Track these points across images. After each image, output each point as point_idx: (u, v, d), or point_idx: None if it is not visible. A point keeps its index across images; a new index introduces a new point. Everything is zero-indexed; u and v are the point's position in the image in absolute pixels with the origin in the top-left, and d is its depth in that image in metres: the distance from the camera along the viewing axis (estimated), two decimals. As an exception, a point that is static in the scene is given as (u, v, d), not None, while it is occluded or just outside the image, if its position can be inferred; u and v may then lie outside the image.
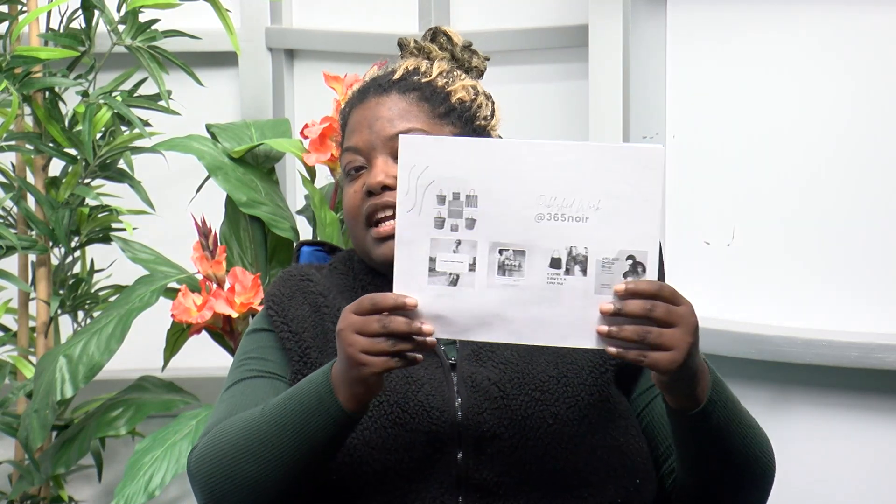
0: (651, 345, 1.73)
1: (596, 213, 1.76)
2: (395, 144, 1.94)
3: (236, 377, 1.97)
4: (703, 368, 1.81)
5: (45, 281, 3.09)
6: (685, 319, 1.75)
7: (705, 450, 1.85)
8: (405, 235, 1.76)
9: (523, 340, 1.77)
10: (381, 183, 1.95)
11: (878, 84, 2.66)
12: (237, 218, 3.01)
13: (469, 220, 1.76)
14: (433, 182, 1.76)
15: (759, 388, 2.77)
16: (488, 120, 2.03)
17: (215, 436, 1.87)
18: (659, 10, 2.82)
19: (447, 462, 1.86)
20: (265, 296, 2.02)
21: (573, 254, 1.76)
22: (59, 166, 3.09)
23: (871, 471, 2.71)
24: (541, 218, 1.76)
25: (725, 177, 2.79)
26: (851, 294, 2.70)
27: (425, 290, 1.76)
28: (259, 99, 3.49)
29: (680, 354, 1.74)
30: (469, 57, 2.07)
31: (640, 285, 1.74)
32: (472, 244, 1.76)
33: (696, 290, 2.75)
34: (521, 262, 1.76)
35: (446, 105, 1.99)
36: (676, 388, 1.79)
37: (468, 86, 2.02)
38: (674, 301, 1.75)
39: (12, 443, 3.20)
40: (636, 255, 1.76)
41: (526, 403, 1.89)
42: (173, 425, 2.85)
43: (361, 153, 1.98)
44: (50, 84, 2.95)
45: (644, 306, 1.73)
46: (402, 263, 1.76)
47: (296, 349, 1.94)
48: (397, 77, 2.01)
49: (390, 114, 1.98)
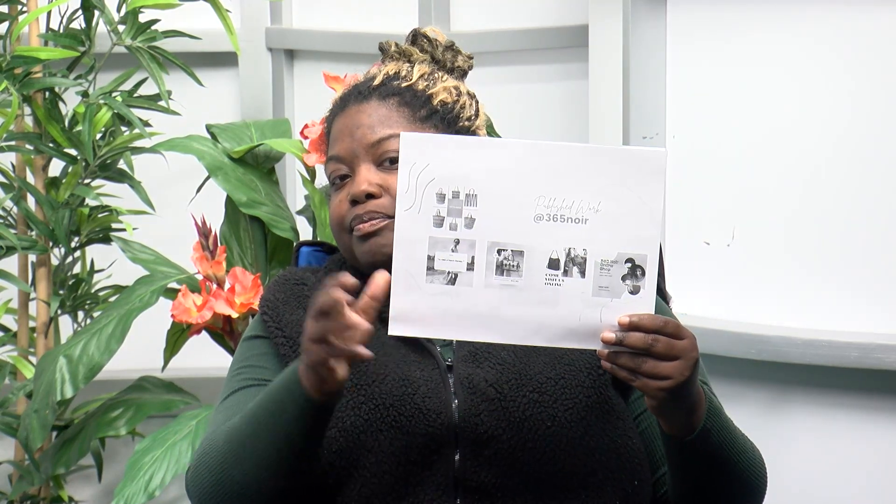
0: (645, 373, 1.75)
1: (596, 214, 1.76)
2: (377, 151, 1.95)
3: (232, 387, 1.96)
4: (700, 397, 1.81)
5: (45, 281, 3.09)
6: (686, 353, 1.76)
7: (697, 473, 1.86)
8: (404, 233, 1.76)
9: (520, 341, 1.77)
10: (365, 192, 1.94)
11: (878, 84, 2.66)
12: (237, 218, 3.01)
13: (468, 219, 1.76)
14: (433, 180, 1.76)
15: (758, 388, 2.77)
16: (472, 120, 2.01)
17: (204, 448, 1.87)
18: (659, 10, 2.82)
19: (444, 464, 1.86)
20: (260, 301, 2.01)
21: (572, 255, 1.76)
22: (59, 166, 3.09)
23: (871, 471, 2.71)
24: (540, 218, 1.76)
25: (725, 177, 2.79)
26: (851, 294, 2.70)
27: (423, 288, 1.76)
28: (259, 99, 3.49)
29: (672, 384, 1.75)
30: (452, 57, 2.06)
31: (644, 319, 1.74)
32: (471, 243, 1.76)
33: (696, 290, 2.75)
34: (520, 263, 1.76)
35: (428, 108, 1.98)
36: (668, 414, 1.80)
37: (450, 87, 2.00)
38: (677, 335, 1.76)
39: (12, 443, 3.20)
40: (635, 258, 1.76)
41: (524, 405, 1.88)
42: (173, 425, 2.85)
43: (344, 161, 1.97)
44: (50, 84, 2.95)
45: (645, 340, 1.74)
46: (401, 261, 1.76)
47: (291, 355, 1.94)
48: (377, 83, 1.99)
49: (370, 120, 1.96)
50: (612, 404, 1.92)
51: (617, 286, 1.76)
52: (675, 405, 1.78)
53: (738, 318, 2.78)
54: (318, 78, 2.96)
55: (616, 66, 2.83)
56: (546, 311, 1.76)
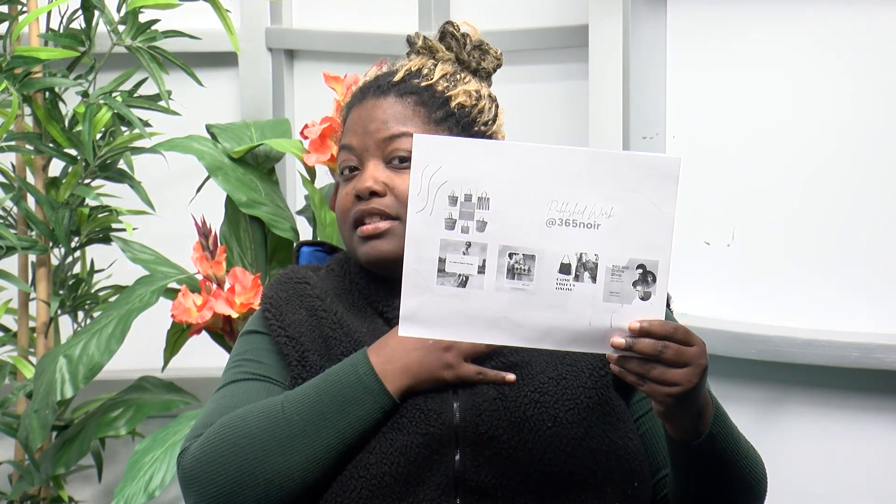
0: (654, 379, 1.75)
1: (608, 220, 1.76)
2: (388, 148, 1.94)
3: (230, 378, 1.96)
4: (707, 403, 1.82)
5: (45, 281, 3.09)
6: (695, 360, 1.76)
7: (700, 478, 1.87)
8: (415, 235, 1.76)
9: (529, 344, 1.77)
10: (370, 189, 1.94)
11: (878, 84, 2.66)
12: (237, 218, 3.01)
13: (480, 222, 1.76)
14: (446, 182, 1.76)
15: (758, 388, 2.77)
16: (489, 125, 2.01)
17: (217, 434, 1.86)
18: (659, 10, 2.82)
19: (444, 464, 1.86)
20: (262, 298, 2.01)
21: (583, 260, 1.76)
22: (59, 166, 3.09)
23: (870, 471, 2.71)
24: (552, 223, 1.76)
25: (725, 177, 2.79)
26: (851, 294, 2.70)
27: (434, 289, 1.76)
28: (259, 99, 3.49)
29: (680, 390, 1.76)
30: (479, 57, 2.04)
31: (654, 326, 1.75)
32: (482, 247, 1.76)
33: (696, 290, 2.75)
34: (531, 267, 1.76)
35: (444, 110, 1.98)
36: (675, 419, 1.81)
37: (470, 90, 2.00)
38: (686, 342, 1.76)
39: (12, 443, 3.20)
40: (646, 265, 1.76)
41: (525, 405, 1.88)
42: (173, 425, 2.85)
43: (355, 153, 1.97)
44: (50, 84, 2.95)
45: (655, 347, 1.75)
46: (412, 263, 1.76)
47: (293, 354, 1.94)
48: (397, 79, 1.99)
49: (385, 116, 1.96)
50: (613, 405, 1.92)
51: (628, 292, 1.76)
52: (683, 411, 1.79)
53: (738, 318, 2.78)
54: (318, 78, 2.96)
55: (616, 66, 2.83)
56: (556, 315, 1.76)
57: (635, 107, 2.84)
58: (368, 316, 1.97)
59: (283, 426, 1.84)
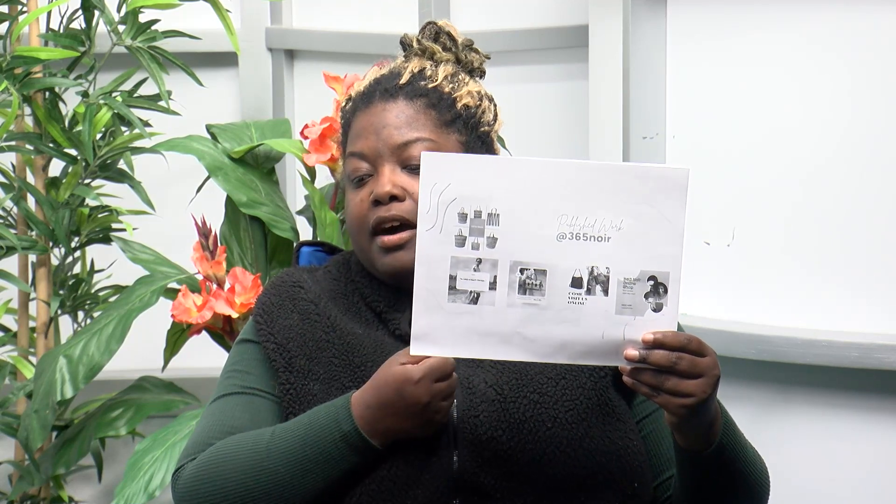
0: (668, 391, 1.76)
1: (618, 232, 1.76)
2: (403, 154, 1.93)
3: (221, 391, 1.97)
4: (717, 413, 1.82)
5: (45, 281, 3.09)
6: (708, 371, 1.77)
7: (707, 485, 1.87)
8: (425, 253, 1.76)
9: (543, 359, 1.78)
10: (389, 193, 1.92)
11: (878, 84, 2.66)
12: (237, 218, 3.01)
13: (490, 238, 1.76)
14: (455, 199, 1.76)
15: (758, 388, 2.77)
16: (491, 125, 2.01)
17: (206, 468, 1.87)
18: (659, 10, 2.82)
19: (443, 465, 1.86)
20: (255, 304, 2.01)
21: (595, 273, 1.76)
22: (59, 166, 3.09)
23: (871, 471, 2.71)
24: (562, 237, 1.76)
25: (725, 177, 2.79)
26: (851, 294, 2.70)
27: (445, 307, 1.76)
28: (259, 99, 3.49)
29: (694, 401, 1.76)
30: (472, 57, 2.04)
31: (668, 337, 1.75)
32: (493, 263, 1.76)
33: (696, 290, 2.75)
34: (543, 282, 1.76)
35: (453, 112, 1.97)
36: (687, 430, 1.81)
37: (473, 91, 1.99)
38: (700, 353, 1.76)
39: (12, 443, 3.20)
40: (658, 276, 1.76)
41: (524, 406, 1.88)
42: (173, 425, 2.85)
43: (367, 160, 1.95)
44: (50, 84, 2.95)
45: (669, 358, 1.75)
46: (422, 281, 1.76)
47: (281, 361, 1.93)
48: (404, 82, 1.97)
49: (398, 121, 1.95)
50: (612, 406, 1.92)
51: (640, 304, 1.76)
52: (695, 422, 1.79)
53: (738, 318, 2.78)
54: (318, 78, 2.96)
55: (616, 66, 2.83)
56: (569, 329, 1.76)
57: (635, 107, 2.84)
58: (365, 319, 1.97)
59: (267, 474, 1.85)
